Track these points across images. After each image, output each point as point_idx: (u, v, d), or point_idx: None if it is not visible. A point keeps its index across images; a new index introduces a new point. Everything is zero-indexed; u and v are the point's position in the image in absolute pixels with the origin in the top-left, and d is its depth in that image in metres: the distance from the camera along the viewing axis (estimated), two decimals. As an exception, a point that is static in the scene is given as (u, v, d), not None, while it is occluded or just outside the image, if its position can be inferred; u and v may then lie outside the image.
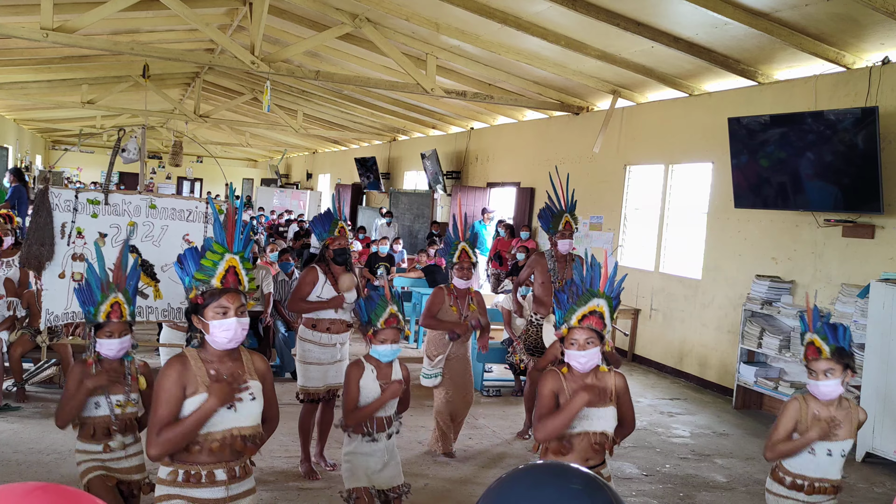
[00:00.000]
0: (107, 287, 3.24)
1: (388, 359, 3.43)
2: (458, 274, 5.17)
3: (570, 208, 5.85)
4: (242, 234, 2.75)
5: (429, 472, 5.05)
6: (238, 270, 2.68)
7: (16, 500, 1.39)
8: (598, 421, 2.98)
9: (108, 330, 3.23)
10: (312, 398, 4.78)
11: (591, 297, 3.04)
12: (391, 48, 9.05)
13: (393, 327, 3.39)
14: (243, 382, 2.64)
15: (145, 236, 5.16)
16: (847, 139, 6.22)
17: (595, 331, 3.00)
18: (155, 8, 9.01)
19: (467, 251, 5.17)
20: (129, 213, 5.16)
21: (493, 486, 1.37)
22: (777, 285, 7.10)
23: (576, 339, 2.99)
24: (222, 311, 2.61)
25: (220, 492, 2.61)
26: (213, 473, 2.60)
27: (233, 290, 2.65)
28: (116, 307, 3.24)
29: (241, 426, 2.61)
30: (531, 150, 12.09)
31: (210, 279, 2.64)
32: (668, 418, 6.78)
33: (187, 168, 31.79)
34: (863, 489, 5.29)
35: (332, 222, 4.89)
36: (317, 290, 4.76)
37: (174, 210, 5.26)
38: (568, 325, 3.02)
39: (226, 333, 2.61)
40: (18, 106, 18.83)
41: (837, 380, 3.17)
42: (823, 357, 3.17)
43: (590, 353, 2.98)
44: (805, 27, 6.19)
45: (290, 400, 6.50)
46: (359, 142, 21.24)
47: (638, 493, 4.91)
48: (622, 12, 6.73)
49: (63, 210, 4.96)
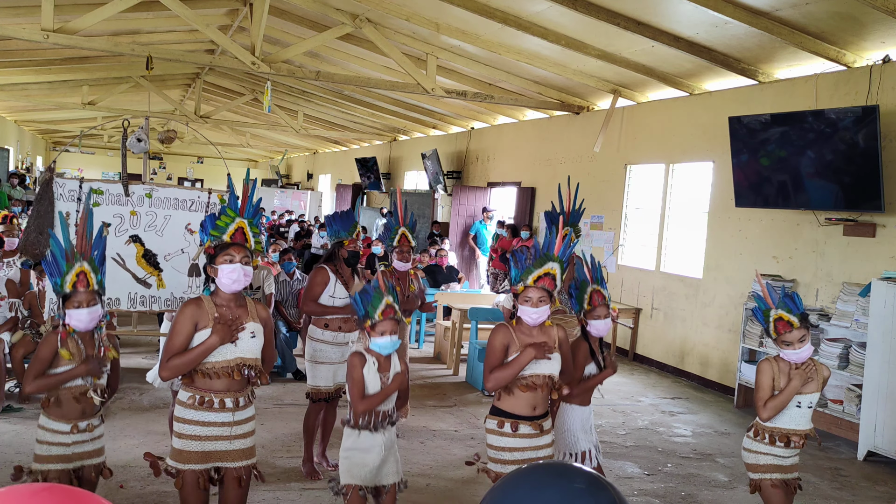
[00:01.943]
0: (72, 256, 3.21)
1: (388, 351, 3.41)
2: (399, 257, 5.32)
3: (574, 220, 5.78)
4: (254, 205, 3.36)
5: (431, 472, 5.06)
6: (245, 231, 3.28)
7: (23, 501, 1.40)
8: (545, 365, 3.38)
9: (77, 300, 3.18)
10: (322, 398, 4.78)
11: (547, 260, 3.42)
12: (391, 48, 9.05)
13: (391, 318, 3.37)
14: (241, 324, 3.21)
15: (148, 226, 5.16)
16: (848, 138, 6.22)
17: (547, 290, 3.37)
18: (155, 9, 9.02)
19: (406, 236, 5.34)
20: (132, 202, 5.16)
21: (496, 486, 1.37)
22: (778, 284, 7.10)
23: (530, 297, 3.37)
24: (229, 258, 3.20)
25: (227, 416, 3.18)
26: (224, 402, 3.16)
27: (239, 244, 3.24)
28: (83, 276, 3.20)
29: (243, 356, 3.19)
30: (532, 150, 12.09)
31: (222, 235, 3.24)
32: (669, 417, 6.78)
33: (188, 168, 31.81)
34: (864, 487, 5.29)
35: (352, 224, 4.93)
36: (329, 290, 4.76)
37: (177, 200, 5.26)
38: (524, 284, 3.39)
39: (231, 275, 3.18)
40: (19, 107, 18.84)
41: (809, 342, 3.46)
42: (796, 328, 3.43)
43: (541, 310, 3.37)
44: (805, 26, 6.19)
45: (292, 400, 6.53)
46: (359, 142, 21.24)
47: (640, 493, 4.91)
48: (622, 12, 6.73)
49: (67, 200, 4.96)
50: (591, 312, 3.76)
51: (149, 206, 5.17)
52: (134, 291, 5.21)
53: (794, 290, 7.05)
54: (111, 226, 5.08)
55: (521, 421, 3.38)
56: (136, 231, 5.14)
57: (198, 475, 3.15)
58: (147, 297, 5.06)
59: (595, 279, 3.79)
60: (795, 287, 7.11)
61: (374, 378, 3.39)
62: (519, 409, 3.39)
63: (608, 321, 3.77)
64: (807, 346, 3.44)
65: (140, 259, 5.22)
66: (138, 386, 6.47)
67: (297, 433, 5.03)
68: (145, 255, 5.22)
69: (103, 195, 5.08)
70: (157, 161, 29.61)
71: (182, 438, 3.17)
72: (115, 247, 5.14)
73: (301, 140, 23.27)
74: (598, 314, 3.75)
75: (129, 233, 5.20)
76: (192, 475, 3.15)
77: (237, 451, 3.22)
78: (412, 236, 5.40)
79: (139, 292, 5.18)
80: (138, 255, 5.21)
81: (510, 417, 3.40)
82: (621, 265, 9.76)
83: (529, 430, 3.39)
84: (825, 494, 5.12)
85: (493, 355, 3.38)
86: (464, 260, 13.71)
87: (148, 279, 5.15)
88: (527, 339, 3.40)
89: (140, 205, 5.16)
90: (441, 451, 5.44)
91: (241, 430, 3.24)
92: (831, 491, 5.19)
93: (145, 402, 6.11)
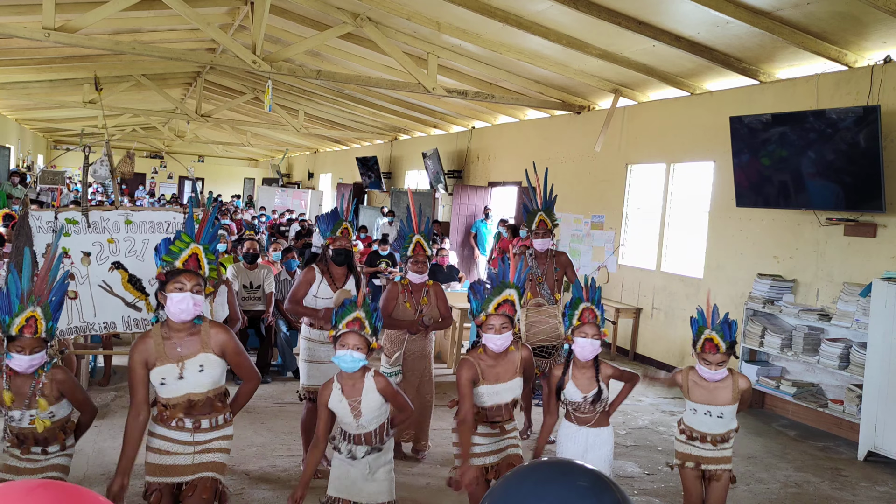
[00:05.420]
0: (26, 299, 3.08)
1: (346, 366, 3.19)
2: (413, 268, 4.94)
3: (547, 206, 5.73)
4: (212, 230, 3.25)
5: (430, 471, 5.06)
6: (200, 257, 3.16)
7: (18, 498, 1.40)
8: (507, 393, 3.57)
9: (20, 345, 3.05)
10: (315, 397, 4.77)
11: (504, 287, 3.54)
12: (392, 47, 9.05)
13: (354, 331, 3.19)
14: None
15: (129, 251, 5.19)
16: (849, 138, 6.22)
17: (508, 316, 3.49)
18: (156, 7, 9.02)
19: (422, 244, 4.94)
20: (108, 229, 5.19)
21: (499, 484, 1.37)
22: (779, 284, 7.10)
23: (493, 325, 3.49)
24: (179, 286, 3.06)
25: (186, 436, 3.12)
26: (183, 421, 3.10)
27: (191, 272, 3.10)
28: (32, 322, 3.06)
29: (192, 392, 3.10)
30: (533, 150, 12.08)
31: (174, 261, 3.11)
32: (669, 417, 6.77)
33: (189, 167, 31.80)
34: (865, 488, 5.29)
35: (336, 222, 4.76)
36: (313, 289, 4.72)
37: (152, 223, 5.30)
38: (486, 313, 3.51)
39: (179, 304, 3.05)
40: (20, 105, 18.84)
41: (726, 369, 3.69)
42: (721, 352, 3.63)
43: (505, 336, 3.49)
44: (807, 26, 6.18)
45: (291, 399, 6.52)
46: (360, 141, 21.24)
47: (640, 492, 4.91)
48: (623, 11, 6.73)
49: (46, 231, 5.00)
50: (578, 329, 3.63)
51: (126, 233, 5.21)
52: (127, 315, 5.28)
53: (795, 290, 7.08)
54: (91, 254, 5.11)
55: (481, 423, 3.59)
56: (118, 258, 5.18)
57: (161, 487, 3.10)
58: (140, 319, 5.11)
59: (591, 299, 3.70)
60: (796, 287, 7.11)
61: (342, 407, 3.25)
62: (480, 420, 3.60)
63: (596, 343, 3.62)
64: (722, 371, 3.65)
65: (126, 284, 5.28)
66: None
67: (297, 432, 5.03)
68: (130, 280, 5.27)
69: (79, 224, 5.10)
70: (157, 160, 29.59)
71: (147, 450, 3.14)
72: (99, 275, 5.17)
73: (302, 139, 23.27)
74: (586, 332, 3.61)
75: (111, 260, 5.24)
76: (157, 486, 3.11)
77: (199, 465, 3.13)
78: (428, 244, 4.98)
79: (132, 315, 5.25)
80: (123, 280, 5.26)
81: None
82: (622, 265, 9.75)
83: (489, 430, 3.60)
84: (825, 494, 5.12)
85: (463, 393, 3.51)
86: (464, 259, 13.71)
87: (137, 303, 5.20)
88: (490, 369, 3.54)
89: (116, 231, 5.20)
90: (440, 449, 5.44)
91: (205, 447, 3.15)
92: (831, 491, 5.19)
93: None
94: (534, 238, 5.67)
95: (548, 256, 5.78)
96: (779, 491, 5.12)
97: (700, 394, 3.72)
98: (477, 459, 3.56)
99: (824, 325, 6.54)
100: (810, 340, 6.60)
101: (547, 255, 5.77)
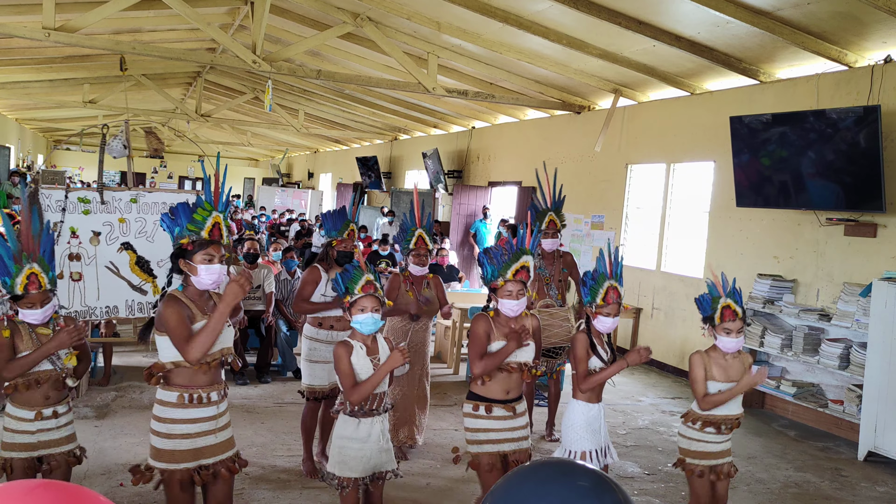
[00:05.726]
0: (20, 257, 3.19)
1: (369, 329, 3.39)
2: (415, 261, 5.10)
3: (556, 206, 5.78)
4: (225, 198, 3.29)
5: (431, 471, 5.06)
6: (221, 227, 3.20)
7: (18, 498, 1.40)
8: (522, 353, 3.61)
9: (29, 301, 3.21)
10: (317, 396, 4.77)
11: (522, 254, 3.62)
12: (393, 47, 9.05)
13: (370, 294, 3.38)
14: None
15: (139, 232, 5.17)
16: (849, 138, 6.22)
17: (523, 282, 3.59)
18: (156, 7, 9.02)
19: (424, 238, 5.09)
20: (119, 209, 5.17)
21: (500, 484, 1.37)
22: (779, 284, 7.10)
23: (510, 290, 3.58)
24: (209, 258, 3.12)
25: (213, 410, 3.17)
26: (210, 396, 3.14)
27: (217, 243, 3.17)
28: (34, 278, 3.19)
29: (224, 347, 3.18)
30: (533, 149, 12.08)
31: (200, 231, 3.13)
32: (669, 417, 6.77)
33: (188, 167, 31.80)
34: (865, 488, 5.29)
35: (344, 223, 4.79)
36: (320, 289, 4.74)
37: (164, 205, 5.27)
38: (504, 279, 3.58)
39: (212, 276, 3.14)
40: (20, 105, 18.84)
41: (743, 335, 3.71)
42: (739, 318, 3.65)
43: (521, 302, 3.60)
44: (807, 26, 6.18)
45: (292, 399, 6.52)
46: (360, 141, 21.24)
47: (640, 492, 4.91)
48: (624, 11, 6.73)
49: (54, 210, 4.99)
50: (602, 308, 3.72)
51: (137, 213, 5.19)
52: (131, 298, 5.25)
53: (795, 290, 7.09)
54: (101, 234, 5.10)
55: (494, 404, 3.59)
56: (128, 238, 5.16)
57: (191, 473, 3.13)
58: (144, 303, 5.09)
59: (615, 274, 3.78)
60: (796, 287, 7.11)
61: (364, 363, 3.38)
62: (493, 393, 3.60)
63: (616, 320, 3.76)
64: (742, 338, 3.68)
65: (134, 266, 5.26)
66: (139, 384, 6.47)
67: (298, 432, 5.03)
68: (138, 262, 5.25)
69: (91, 203, 5.10)
70: (157, 160, 29.59)
71: (171, 439, 3.10)
72: (107, 255, 5.15)
73: (302, 139, 23.27)
74: (609, 312, 3.72)
75: (121, 240, 5.22)
76: (185, 473, 3.11)
77: (222, 444, 3.22)
78: (430, 238, 5.14)
79: (136, 299, 5.22)
80: (131, 262, 5.24)
81: (485, 401, 3.60)
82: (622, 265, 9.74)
83: (503, 413, 3.60)
84: (825, 494, 5.12)
85: (477, 343, 3.57)
86: (464, 259, 13.72)
87: (143, 286, 5.18)
88: (504, 329, 3.60)
89: (128, 212, 5.18)
90: (441, 449, 5.43)
91: (223, 421, 3.24)
92: (831, 491, 5.19)
93: (145, 401, 6.10)
94: (542, 238, 5.70)
95: (555, 257, 5.81)
96: (779, 491, 5.12)
97: (720, 372, 3.69)
98: (491, 446, 3.60)
99: (824, 325, 6.54)
100: (810, 340, 6.60)
101: (554, 255, 5.81)
